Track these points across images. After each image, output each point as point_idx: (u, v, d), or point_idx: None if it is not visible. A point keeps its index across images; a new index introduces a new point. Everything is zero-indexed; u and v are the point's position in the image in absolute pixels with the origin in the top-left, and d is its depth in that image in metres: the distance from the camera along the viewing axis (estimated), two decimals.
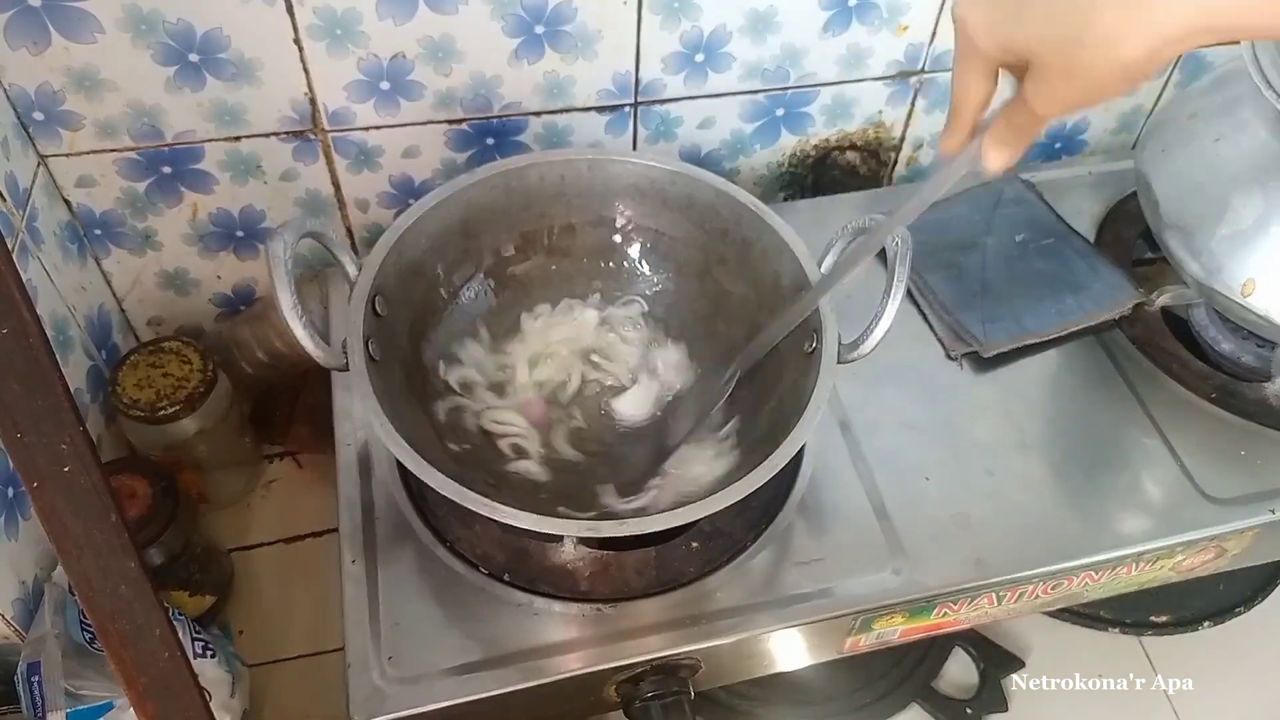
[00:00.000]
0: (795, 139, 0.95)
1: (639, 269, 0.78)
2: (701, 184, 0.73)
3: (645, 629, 0.64)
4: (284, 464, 0.96)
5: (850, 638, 0.69)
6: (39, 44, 0.71)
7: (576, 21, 0.79)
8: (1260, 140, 0.71)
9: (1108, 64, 0.41)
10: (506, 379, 0.73)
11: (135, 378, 0.80)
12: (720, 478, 0.67)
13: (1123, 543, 0.70)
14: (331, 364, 0.61)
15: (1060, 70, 0.42)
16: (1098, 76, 0.42)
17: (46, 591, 0.69)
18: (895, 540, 0.69)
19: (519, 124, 0.86)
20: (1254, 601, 0.92)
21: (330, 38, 0.75)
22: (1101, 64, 0.41)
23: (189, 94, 0.76)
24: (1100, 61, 0.41)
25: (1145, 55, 0.40)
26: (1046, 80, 0.43)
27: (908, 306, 0.83)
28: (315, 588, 0.87)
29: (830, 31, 0.85)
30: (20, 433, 0.44)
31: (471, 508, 0.55)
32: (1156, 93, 1.01)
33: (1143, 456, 0.75)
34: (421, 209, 0.69)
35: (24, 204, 0.75)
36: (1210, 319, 0.83)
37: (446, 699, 0.60)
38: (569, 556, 0.67)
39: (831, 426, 0.75)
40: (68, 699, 0.64)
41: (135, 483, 0.76)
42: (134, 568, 0.47)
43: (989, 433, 0.75)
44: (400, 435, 0.57)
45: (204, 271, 0.91)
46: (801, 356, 0.66)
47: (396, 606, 0.64)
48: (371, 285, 0.64)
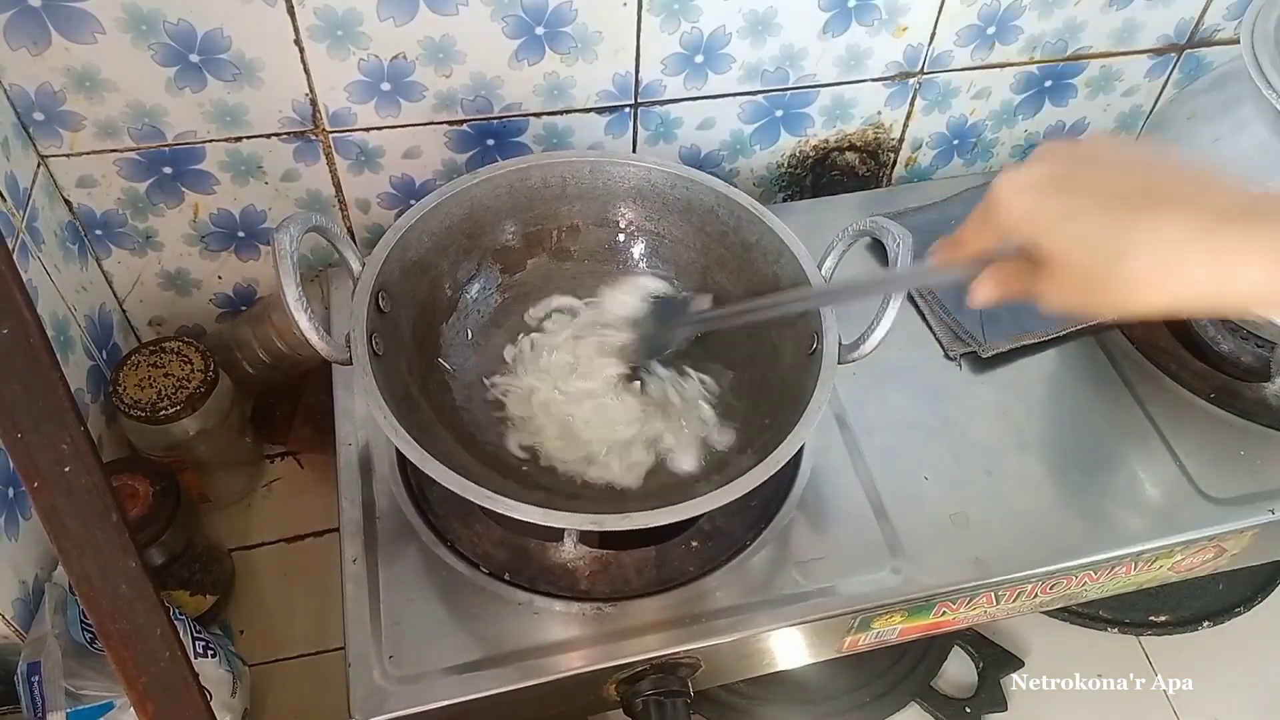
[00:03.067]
0: (794, 140, 0.95)
1: (640, 270, 0.78)
2: (701, 187, 0.73)
3: (645, 628, 0.64)
4: (285, 464, 0.96)
5: (849, 637, 0.69)
6: (39, 44, 0.71)
7: (576, 23, 0.79)
8: (1260, 140, 0.71)
9: (1119, 303, 0.42)
10: (509, 377, 0.74)
11: (136, 378, 0.80)
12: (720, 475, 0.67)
13: (1122, 542, 0.70)
14: (335, 357, 0.61)
15: (1073, 286, 0.43)
16: (1104, 305, 0.43)
17: (46, 591, 0.69)
18: (894, 539, 0.69)
19: (519, 125, 0.86)
20: (1254, 601, 0.92)
21: (331, 38, 0.75)
22: (1113, 301, 0.42)
23: (190, 94, 0.76)
24: (1113, 300, 0.42)
25: (1152, 311, 0.42)
26: (1057, 284, 0.44)
27: (907, 307, 0.83)
28: (316, 587, 0.87)
29: (829, 33, 0.85)
30: (20, 433, 0.44)
31: (474, 500, 0.56)
32: (1155, 93, 1.01)
33: (1142, 456, 0.75)
34: (426, 207, 0.69)
35: (24, 204, 0.75)
36: (1210, 319, 0.83)
37: (447, 698, 0.60)
38: (569, 555, 0.67)
39: (831, 426, 0.75)
40: (68, 699, 0.64)
41: (136, 483, 0.77)
42: (135, 568, 0.47)
43: (988, 433, 0.75)
44: (403, 427, 0.58)
45: (205, 272, 0.91)
46: (802, 357, 0.67)
47: (397, 606, 0.64)
48: (375, 281, 0.64)
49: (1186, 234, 0.40)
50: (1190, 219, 0.40)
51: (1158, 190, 0.42)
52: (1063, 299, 0.44)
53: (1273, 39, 0.67)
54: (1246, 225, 0.39)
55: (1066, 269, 0.43)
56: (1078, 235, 0.42)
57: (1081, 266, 0.42)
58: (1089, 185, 0.43)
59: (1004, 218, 0.45)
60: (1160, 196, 0.41)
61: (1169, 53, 0.97)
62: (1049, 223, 0.43)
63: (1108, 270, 0.41)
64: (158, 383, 0.80)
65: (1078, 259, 0.42)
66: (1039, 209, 0.44)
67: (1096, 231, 0.42)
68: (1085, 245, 0.42)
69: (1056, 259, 0.43)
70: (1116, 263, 0.41)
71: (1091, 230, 0.42)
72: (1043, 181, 0.44)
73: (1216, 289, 0.40)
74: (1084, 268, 0.42)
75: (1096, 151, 0.45)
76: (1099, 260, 0.42)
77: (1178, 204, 0.41)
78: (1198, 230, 0.40)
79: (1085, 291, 0.43)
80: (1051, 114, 1.00)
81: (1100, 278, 0.42)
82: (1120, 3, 0.90)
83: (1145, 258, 0.40)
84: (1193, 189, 0.42)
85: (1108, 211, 0.42)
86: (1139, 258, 0.41)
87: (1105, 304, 0.43)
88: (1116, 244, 0.41)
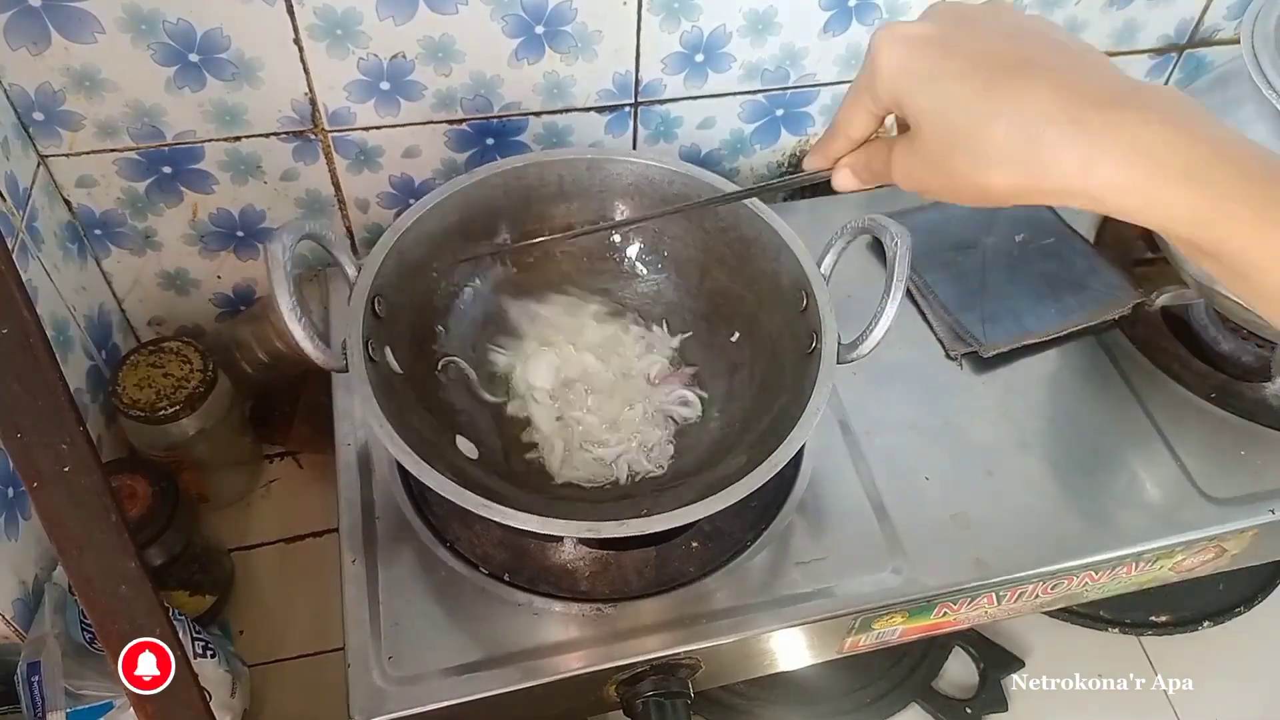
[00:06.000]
0: (795, 139, 0.95)
1: (638, 268, 0.78)
2: (700, 184, 0.73)
3: (645, 629, 0.64)
4: (284, 464, 0.96)
5: (850, 637, 0.69)
6: (39, 44, 0.71)
7: (576, 22, 0.79)
8: (1260, 140, 0.71)
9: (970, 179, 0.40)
10: (507, 378, 0.73)
11: (135, 378, 0.80)
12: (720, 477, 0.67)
13: (1122, 543, 0.70)
14: (331, 366, 0.61)
15: (927, 154, 0.41)
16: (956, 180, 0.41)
17: (46, 591, 0.69)
18: (895, 540, 0.69)
19: (519, 124, 0.86)
20: (1254, 601, 0.92)
21: (330, 38, 0.75)
22: (965, 175, 0.40)
23: (189, 94, 0.76)
24: (965, 174, 0.40)
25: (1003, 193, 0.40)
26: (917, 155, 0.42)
27: (907, 306, 0.83)
28: (315, 588, 0.87)
29: (830, 31, 0.85)
30: (20, 433, 0.44)
31: (471, 509, 0.55)
32: None
33: (1142, 456, 0.75)
34: (420, 210, 0.69)
35: (24, 204, 0.75)
36: (1210, 319, 0.83)
37: (447, 699, 0.60)
38: (569, 556, 0.67)
39: (831, 426, 0.75)
40: (68, 699, 0.64)
41: (135, 483, 0.76)
42: (134, 568, 0.47)
43: (989, 433, 0.75)
44: (399, 436, 0.57)
45: (204, 271, 0.91)
46: (801, 357, 0.66)
47: (397, 606, 0.64)
48: (371, 286, 0.64)
49: (1047, 111, 0.37)
50: (1057, 96, 0.37)
51: (1035, 62, 0.39)
52: (917, 170, 0.42)
53: (1273, 39, 0.67)
54: (1112, 112, 0.36)
55: (922, 134, 0.41)
56: (940, 95, 0.40)
57: (937, 131, 0.40)
58: (967, 47, 0.40)
59: (878, 70, 0.42)
60: (1034, 69, 0.38)
61: (1169, 53, 0.97)
62: (915, 80, 0.41)
63: (964, 138, 0.39)
64: (157, 383, 0.80)
65: (937, 122, 0.40)
66: (910, 64, 0.41)
67: (959, 94, 0.39)
68: (945, 106, 0.40)
69: (918, 121, 0.41)
70: (973, 131, 0.39)
71: (954, 92, 0.39)
72: (919, 36, 0.41)
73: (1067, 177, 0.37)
74: (940, 133, 0.40)
75: (986, 15, 0.42)
76: (957, 126, 0.39)
77: (1049, 79, 0.38)
78: (1059, 108, 0.37)
79: (938, 162, 0.41)
80: None
81: (954, 146, 0.40)
82: (1120, 3, 0.90)
83: (1001, 130, 0.38)
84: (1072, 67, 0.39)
85: (976, 75, 0.39)
86: (995, 129, 0.38)
87: (958, 178, 0.40)
88: (976, 110, 0.39)
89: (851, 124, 0.46)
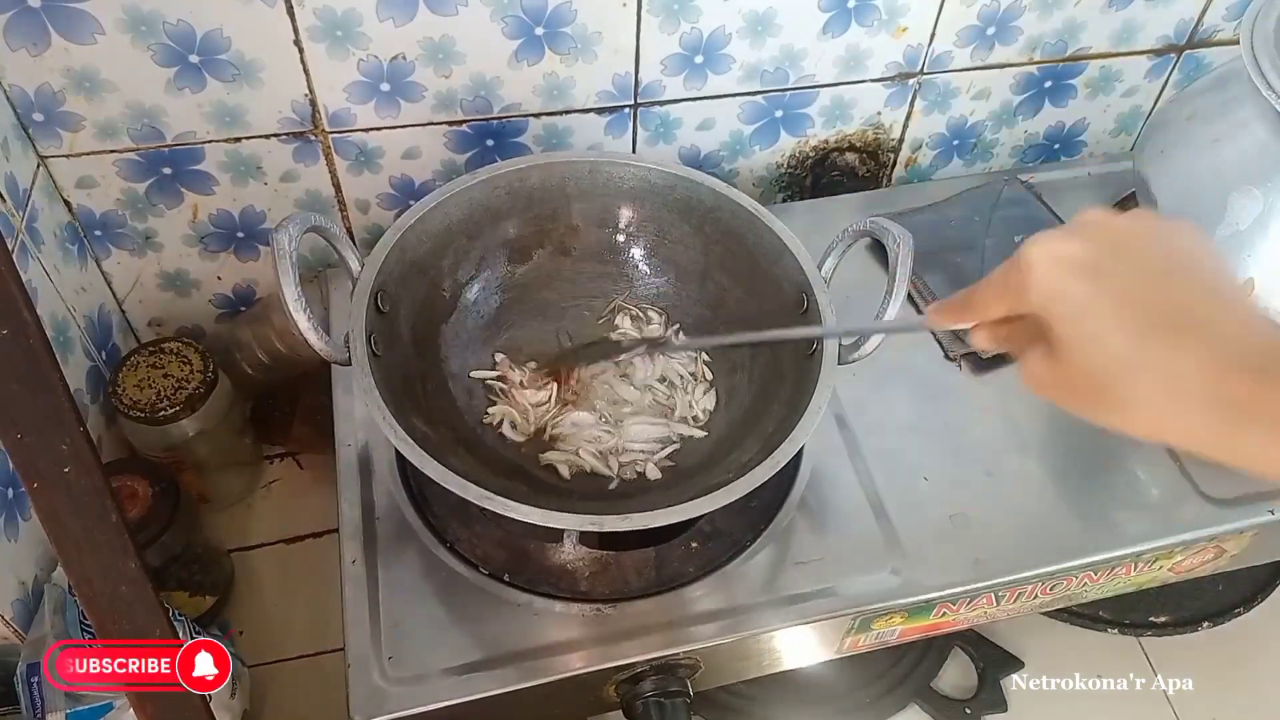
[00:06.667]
0: (794, 140, 0.95)
1: (640, 271, 0.78)
2: (701, 188, 0.73)
3: (645, 629, 0.64)
4: (284, 464, 0.96)
5: (849, 637, 0.69)
6: (39, 44, 0.71)
7: (576, 23, 0.79)
8: (1259, 140, 0.71)
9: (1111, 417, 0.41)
10: (509, 376, 0.73)
11: (135, 378, 0.80)
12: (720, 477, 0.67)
13: (1122, 543, 0.70)
14: (334, 357, 0.61)
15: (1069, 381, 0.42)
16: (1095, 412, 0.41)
17: (46, 592, 0.69)
18: (894, 540, 0.69)
19: (519, 125, 0.86)
20: (1254, 602, 0.92)
21: (331, 39, 0.75)
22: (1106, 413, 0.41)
23: (189, 95, 0.76)
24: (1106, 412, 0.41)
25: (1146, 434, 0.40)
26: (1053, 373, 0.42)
27: (907, 307, 0.83)
28: (315, 588, 0.87)
29: (829, 33, 0.85)
30: (20, 433, 0.44)
31: (473, 501, 0.55)
32: (1155, 94, 1.01)
33: (1142, 456, 0.75)
34: (425, 207, 0.69)
35: (24, 205, 0.75)
36: None
37: (447, 699, 0.60)
38: (569, 556, 0.67)
39: (831, 427, 0.75)
40: (67, 699, 0.64)
41: (135, 483, 0.77)
42: (134, 568, 0.47)
43: (988, 433, 0.75)
44: (402, 428, 0.58)
45: (204, 272, 0.91)
46: (802, 358, 0.66)
47: (397, 607, 0.64)
48: (374, 281, 0.64)
49: (1197, 380, 0.38)
50: (1205, 362, 0.38)
51: (1184, 315, 0.39)
52: (1051, 386, 0.43)
53: (1273, 39, 0.67)
54: (1258, 386, 0.37)
55: (1063, 360, 0.41)
56: (1090, 335, 0.40)
57: (1080, 366, 0.41)
58: (1119, 283, 0.40)
59: (1029, 285, 0.42)
60: (1184, 323, 0.39)
61: (1169, 53, 0.97)
62: (1070, 309, 0.41)
63: (1110, 382, 0.40)
64: (157, 383, 0.80)
65: (1083, 359, 0.40)
66: (1064, 289, 0.41)
67: (1110, 340, 0.39)
68: (1094, 347, 0.40)
69: (1064, 348, 0.41)
70: (1121, 380, 0.39)
71: (1105, 336, 0.39)
72: (1073, 259, 0.41)
73: (1213, 442, 0.38)
74: (1083, 368, 0.40)
75: (1139, 241, 0.42)
76: (1104, 369, 0.40)
77: (1199, 338, 0.38)
78: (1209, 378, 0.38)
79: (1075, 388, 0.41)
80: (1051, 115, 1.00)
81: (1100, 386, 0.40)
82: (1120, 3, 0.90)
83: (1149, 387, 0.39)
84: (1219, 322, 0.39)
85: (1128, 322, 0.39)
86: (1143, 385, 0.39)
87: (1091, 408, 0.41)
88: (1124, 359, 0.39)
89: (990, 310, 0.45)
